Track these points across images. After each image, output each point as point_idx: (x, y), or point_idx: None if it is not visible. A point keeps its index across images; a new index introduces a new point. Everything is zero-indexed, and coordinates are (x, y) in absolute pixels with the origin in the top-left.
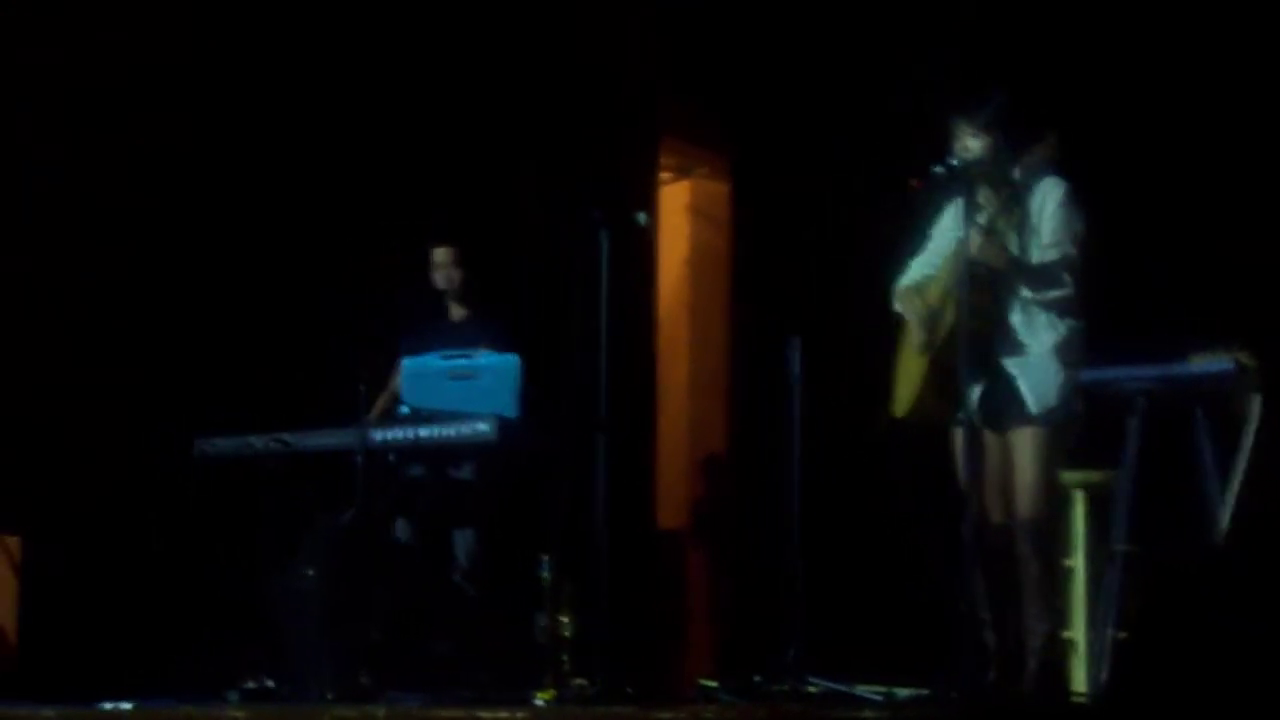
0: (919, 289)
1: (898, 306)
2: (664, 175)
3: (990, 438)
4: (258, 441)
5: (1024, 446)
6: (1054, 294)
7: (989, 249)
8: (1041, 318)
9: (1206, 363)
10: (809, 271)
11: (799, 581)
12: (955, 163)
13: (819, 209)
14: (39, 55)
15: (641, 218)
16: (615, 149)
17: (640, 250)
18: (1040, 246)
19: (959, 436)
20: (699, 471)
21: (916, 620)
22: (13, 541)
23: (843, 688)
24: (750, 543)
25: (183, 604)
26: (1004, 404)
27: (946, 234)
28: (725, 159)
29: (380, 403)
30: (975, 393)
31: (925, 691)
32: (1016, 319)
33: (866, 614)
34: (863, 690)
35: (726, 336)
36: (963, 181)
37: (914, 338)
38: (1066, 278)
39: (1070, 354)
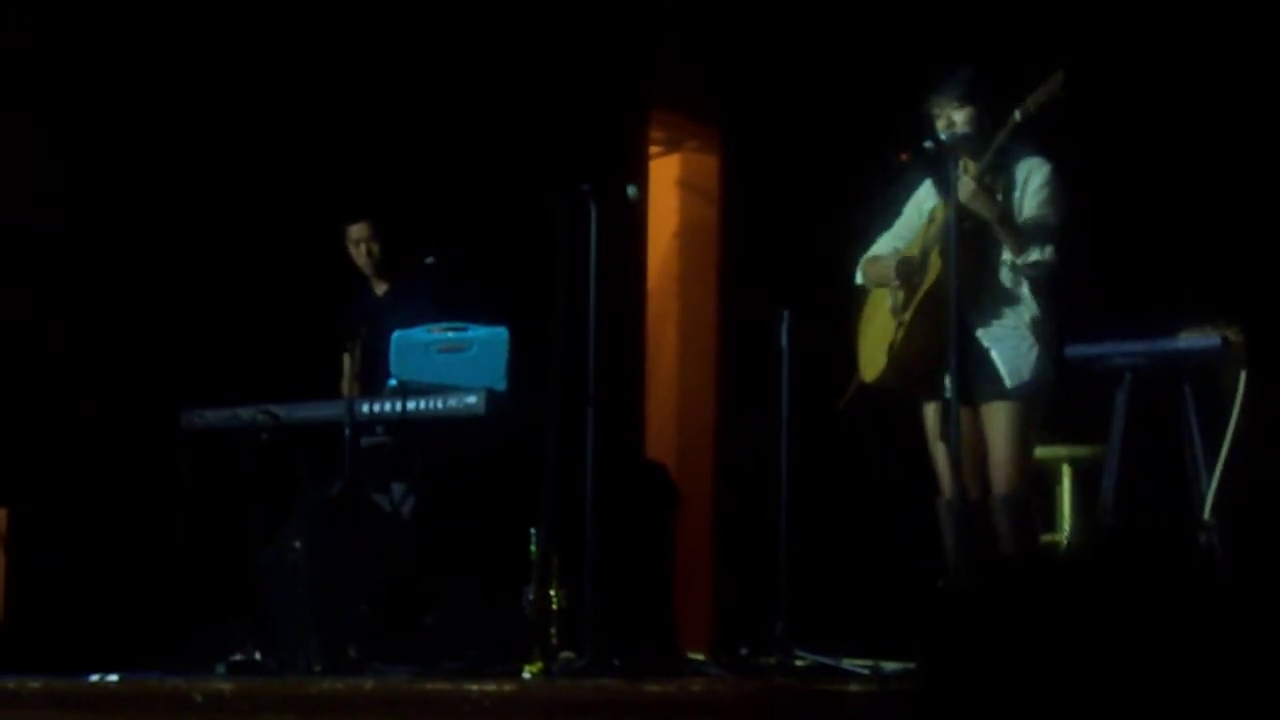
0: (883, 257)
1: (861, 279)
2: (654, 149)
3: (964, 412)
4: (245, 413)
5: (998, 421)
6: (1035, 257)
7: (980, 196)
8: (1019, 290)
9: (1194, 339)
10: (799, 245)
11: (787, 554)
12: (944, 137)
13: (809, 183)
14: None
15: (631, 191)
16: (605, 122)
17: (630, 224)
18: (1022, 219)
19: (932, 411)
20: (688, 444)
21: (903, 594)
22: None
23: (830, 661)
24: (739, 516)
25: (170, 576)
26: (977, 377)
27: (923, 207)
28: (715, 132)
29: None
30: (950, 366)
31: (912, 665)
32: (995, 289)
33: (855, 587)
34: (850, 664)
35: (716, 310)
36: (950, 156)
37: (889, 300)
38: (1050, 245)
39: (1045, 330)
